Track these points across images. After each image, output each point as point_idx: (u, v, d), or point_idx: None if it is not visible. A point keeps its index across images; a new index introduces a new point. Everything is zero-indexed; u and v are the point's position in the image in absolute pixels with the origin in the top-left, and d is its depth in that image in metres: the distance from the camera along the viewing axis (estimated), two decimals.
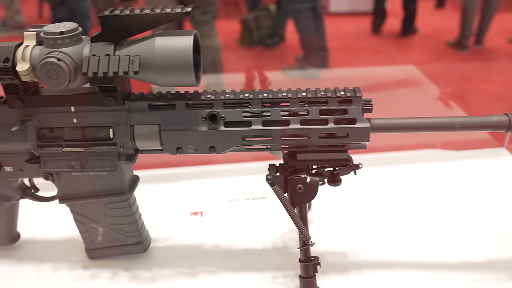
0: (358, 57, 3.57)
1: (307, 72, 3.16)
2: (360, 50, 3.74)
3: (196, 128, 0.82)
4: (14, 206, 0.98)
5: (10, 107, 0.83)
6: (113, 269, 0.95)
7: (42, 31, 0.77)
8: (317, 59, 3.17)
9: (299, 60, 3.21)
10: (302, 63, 3.18)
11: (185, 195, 1.17)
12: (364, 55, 3.64)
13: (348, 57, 3.53)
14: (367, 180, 1.16)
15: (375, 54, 3.69)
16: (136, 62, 0.75)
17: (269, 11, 3.55)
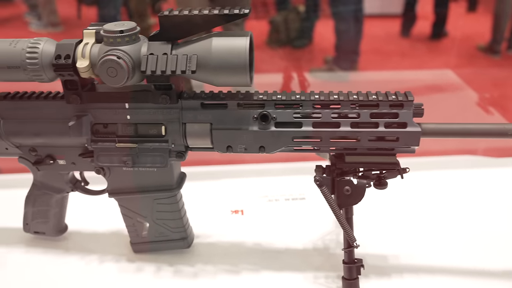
0: (387, 60, 3.54)
1: (335, 75, 3.15)
2: (389, 53, 3.71)
3: (247, 127, 0.83)
4: (64, 199, 1.01)
5: (67, 102, 0.85)
6: (157, 264, 0.97)
7: (102, 30, 0.79)
8: (348, 62, 3.16)
9: (328, 62, 3.21)
10: (331, 65, 3.17)
11: (226, 193, 1.19)
12: (393, 58, 3.61)
13: (376, 60, 3.51)
14: (408, 184, 1.15)
15: (404, 57, 3.66)
16: (193, 61, 0.76)
17: (298, 12, 3.55)
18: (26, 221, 1.01)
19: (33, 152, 0.92)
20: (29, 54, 0.80)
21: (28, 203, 0.99)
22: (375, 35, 3.97)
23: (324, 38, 3.44)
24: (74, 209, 1.05)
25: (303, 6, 3.59)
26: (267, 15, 3.50)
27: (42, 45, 0.80)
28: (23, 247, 1.03)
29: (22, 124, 0.89)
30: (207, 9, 0.77)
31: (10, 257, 1.01)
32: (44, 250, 1.02)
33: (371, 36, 3.93)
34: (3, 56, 0.80)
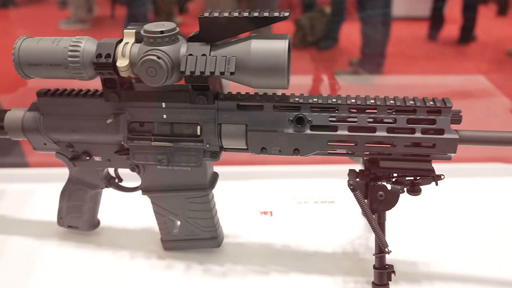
0: (413, 64, 3.50)
1: (360, 77, 3.13)
2: (416, 57, 3.66)
3: (282, 130, 0.84)
4: (98, 194, 1.03)
5: (106, 100, 0.87)
6: (186, 262, 0.98)
7: (142, 30, 0.80)
8: (373, 65, 3.14)
9: (353, 64, 3.18)
10: (356, 68, 3.15)
11: (255, 194, 1.19)
12: (420, 62, 3.57)
13: (402, 64, 3.47)
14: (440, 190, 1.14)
15: (431, 61, 3.61)
16: (232, 63, 0.77)
17: (324, 14, 3.54)
18: (61, 215, 1.04)
19: (70, 148, 0.94)
20: (71, 53, 0.81)
21: (63, 197, 1.02)
22: (402, 38, 3.92)
23: (349, 40, 3.42)
24: (107, 205, 1.07)
25: (329, 8, 3.58)
26: (293, 16, 3.49)
27: (83, 44, 0.82)
28: (56, 240, 1.05)
29: (61, 120, 0.91)
30: (247, 11, 0.77)
31: (44, 249, 1.03)
32: (77, 244, 1.04)
33: (397, 39, 3.89)
34: (46, 54, 0.82)
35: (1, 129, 0.94)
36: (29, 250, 1.03)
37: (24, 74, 0.85)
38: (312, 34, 3.42)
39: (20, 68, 0.84)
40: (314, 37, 3.41)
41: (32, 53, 0.83)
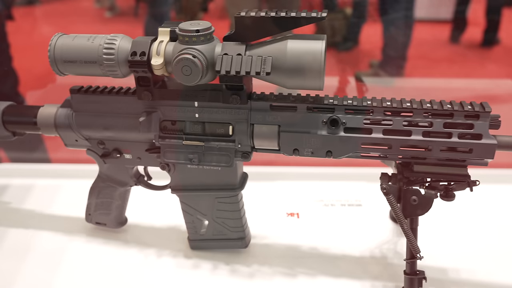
0: (434, 66, 3.45)
1: (380, 79, 3.10)
2: (437, 60, 3.62)
3: (316, 131, 0.83)
4: (127, 192, 1.03)
5: (139, 98, 0.87)
6: (213, 261, 0.98)
7: (178, 28, 0.80)
8: (394, 67, 3.11)
9: (374, 66, 3.16)
10: (377, 70, 3.12)
11: (281, 195, 1.18)
12: (442, 65, 3.52)
13: (424, 66, 3.42)
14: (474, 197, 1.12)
15: (453, 64, 3.56)
16: (268, 63, 0.76)
17: (345, 15, 3.51)
18: (89, 211, 1.04)
19: (101, 145, 0.95)
20: (106, 50, 0.81)
21: (92, 194, 1.02)
22: (423, 40, 3.88)
23: (370, 42, 3.39)
24: (134, 202, 1.07)
25: (351, 9, 3.55)
26: None
27: (118, 42, 0.82)
28: (84, 236, 1.06)
29: (93, 117, 0.91)
30: (283, 11, 0.77)
31: (72, 245, 1.04)
32: (104, 241, 1.04)
33: (419, 41, 3.84)
34: (81, 51, 0.83)
35: (34, 125, 0.95)
36: (58, 245, 1.04)
37: (59, 70, 0.85)
38: (332, 35, 3.40)
39: (55, 65, 0.84)
40: (334, 38, 3.39)
41: (68, 50, 0.83)
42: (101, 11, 3.09)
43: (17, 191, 1.23)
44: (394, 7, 2.94)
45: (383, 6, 3.05)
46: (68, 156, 1.43)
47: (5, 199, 1.20)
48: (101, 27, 2.78)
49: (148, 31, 2.59)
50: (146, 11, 3.18)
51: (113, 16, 3.00)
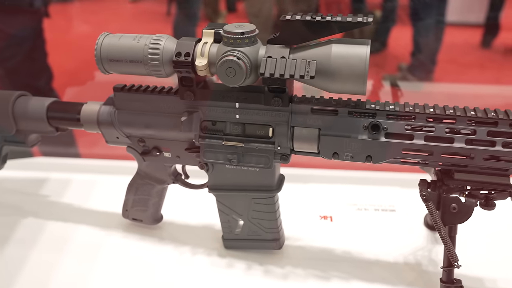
0: (465, 72, 3.39)
1: (408, 83, 3.06)
2: (468, 65, 3.55)
3: (357, 136, 0.83)
4: (164, 190, 1.05)
5: (181, 98, 0.88)
6: (247, 261, 0.99)
7: (222, 30, 0.81)
8: (423, 71, 3.07)
9: (402, 70, 3.12)
10: (405, 73, 3.09)
11: (314, 197, 1.19)
12: (472, 71, 3.46)
13: (453, 71, 3.37)
14: None
15: (484, 70, 3.49)
16: (312, 67, 0.76)
17: (374, 17, 3.48)
18: (126, 207, 1.06)
19: (141, 143, 0.96)
20: (152, 50, 0.83)
21: (130, 190, 1.04)
22: (453, 44, 3.81)
23: (399, 45, 3.36)
24: (169, 200, 1.09)
25: (380, 11, 3.52)
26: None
27: (163, 42, 0.83)
28: (120, 232, 1.08)
29: (135, 115, 0.93)
30: (329, 16, 0.77)
31: (109, 240, 1.06)
32: (140, 237, 1.06)
33: (449, 45, 3.78)
34: (126, 51, 0.84)
35: (77, 121, 0.98)
36: (95, 239, 1.06)
37: (104, 69, 0.87)
38: (361, 37, 3.37)
39: (101, 63, 0.86)
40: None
41: (114, 49, 0.85)
42: (135, 9, 3.14)
43: (56, 185, 1.27)
44: (426, 11, 2.91)
45: (415, 10, 3.01)
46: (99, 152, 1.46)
47: (45, 192, 1.24)
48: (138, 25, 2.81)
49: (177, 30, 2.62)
50: (175, 10, 3.21)
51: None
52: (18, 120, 1.01)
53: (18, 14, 1.59)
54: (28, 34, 1.64)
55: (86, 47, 1.08)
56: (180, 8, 3.11)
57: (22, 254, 1.02)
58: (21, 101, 1.01)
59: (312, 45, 0.79)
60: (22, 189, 1.25)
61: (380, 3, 3.49)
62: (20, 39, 1.62)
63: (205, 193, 0.99)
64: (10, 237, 1.07)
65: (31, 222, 1.12)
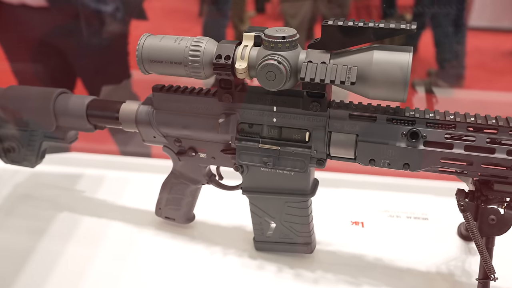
0: (496, 79, 3.33)
1: (438, 89, 3.02)
2: (500, 71, 3.48)
3: (395, 143, 0.82)
4: (198, 190, 1.06)
5: (219, 100, 0.89)
6: (278, 264, 0.99)
7: (263, 34, 0.81)
8: (452, 77, 3.02)
9: (432, 75, 3.08)
10: (435, 79, 3.05)
11: (346, 202, 1.18)
12: (504, 77, 3.38)
13: (485, 78, 3.31)
14: None
15: None
16: (353, 73, 0.76)
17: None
18: (159, 206, 1.08)
19: (177, 143, 0.98)
20: (192, 52, 0.84)
21: (164, 189, 1.05)
22: (484, 50, 3.74)
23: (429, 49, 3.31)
24: (203, 200, 1.10)
25: (410, 15, 3.48)
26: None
27: (204, 44, 0.84)
28: (153, 229, 1.10)
29: (173, 115, 0.95)
30: (371, 22, 0.77)
31: (141, 237, 1.08)
32: (172, 236, 1.08)
33: (479, 50, 3.71)
34: (167, 52, 0.86)
35: (116, 120, 0.99)
36: (128, 236, 1.08)
37: (145, 69, 0.89)
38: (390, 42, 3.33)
39: (141, 64, 0.88)
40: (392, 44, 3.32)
41: (155, 50, 0.86)
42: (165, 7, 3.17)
43: (90, 181, 1.29)
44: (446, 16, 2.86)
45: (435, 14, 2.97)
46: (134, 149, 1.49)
47: (80, 187, 1.26)
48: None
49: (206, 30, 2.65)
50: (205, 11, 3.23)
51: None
52: (58, 117, 1.03)
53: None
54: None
55: None
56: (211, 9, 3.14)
57: (57, 248, 1.04)
58: (62, 98, 1.04)
59: (353, 50, 0.79)
60: (59, 183, 1.28)
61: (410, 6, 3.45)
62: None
63: (237, 194, 1.00)
64: (46, 231, 1.09)
65: (67, 216, 1.14)
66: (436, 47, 2.94)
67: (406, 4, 3.44)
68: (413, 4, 3.40)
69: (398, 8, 3.58)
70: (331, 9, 2.64)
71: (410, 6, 3.41)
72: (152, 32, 0.91)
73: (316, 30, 2.64)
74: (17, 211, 1.17)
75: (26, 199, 1.21)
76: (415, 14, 3.41)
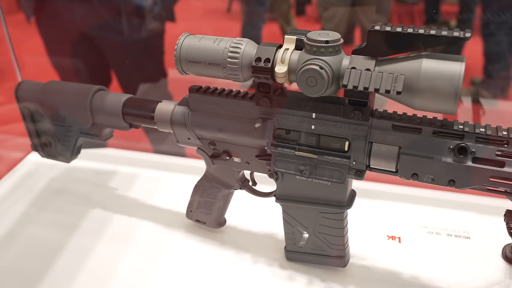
0: None
1: (483, 100, 2.90)
2: None
3: (440, 158, 0.78)
4: (230, 194, 1.03)
5: (257, 104, 0.86)
6: (309, 276, 0.96)
7: (306, 37, 0.78)
8: (497, 87, 2.90)
9: (475, 84, 2.96)
10: (478, 88, 2.93)
11: (382, 215, 1.13)
12: None
13: None
14: None
15: None
16: (400, 82, 0.72)
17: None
18: (191, 208, 1.06)
19: (212, 145, 0.96)
20: (231, 54, 0.82)
21: (196, 192, 1.04)
22: None
23: (473, 57, 3.19)
24: (234, 205, 1.07)
25: (455, 21, 3.36)
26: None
27: (244, 46, 0.82)
28: (183, 232, 1.08)
29: (208, 118, 0.93)
30: (422, 28, 0.72)
31: (171, 238, 1.07)
32: (201, 239, 1.06)
33: None
34: (206, 53, 0.83)
35: (151, 119, 0.98)
36: (158, 237, 1.07)
37: (182, 69, 0.87)
38: (434, 50, 3.23)
39: (179, 64, 0.86)
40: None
41: (193, 51, 0.84)
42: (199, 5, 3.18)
43: (123, 178, 1.29)
44: (499, 24, 2.73)
45: (487, 22, 2.84)
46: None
47: (113, 184, 1.27)
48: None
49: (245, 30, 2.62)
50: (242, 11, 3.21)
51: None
52: (95, 114, 1.03)
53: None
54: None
55: None
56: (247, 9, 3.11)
57: (88, 244, 1.05)
58: (99, 95, 1.03)
59: (399, 58, 0.75)
60: (92, 179, 1.29)
61: (455, 12, 3.33)
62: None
63: (270, 201, 0.97)
64: (78, 227, 1.10)
65: (99, 213, 1.14)
66: (485, 57, 2.82)
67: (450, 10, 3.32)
68: (458, 10, 3.28)
69: (442, 14, 3.47)
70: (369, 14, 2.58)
71: (454, 12, 3.29)
72: (189, 31, 0.89)
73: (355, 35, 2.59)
74: (50, 206, 1.18)
75: (60, 194, 1.23)
76: (460, 20, 3.29)
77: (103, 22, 1.59)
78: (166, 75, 1.69)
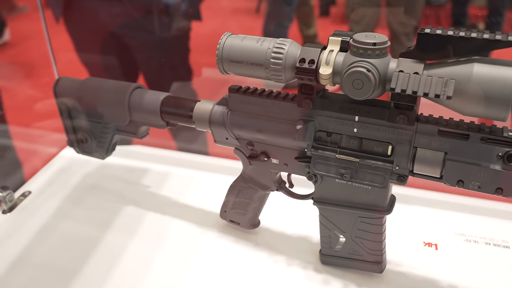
0: None
1: None
2: None
3: (488, 165, 0.76)
4: (266, 196, 1.03)
5: (299, 105, 0.85)
6: (344, 281, 0.95)
7: (351, 39, 0.77)
8: None
9: None
10: None
11: (419, 221, 1.11)
12: None
13: None
14: None
15: None
16: (450, 86, 0.70)
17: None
18: (225, 208, 1.06)
19: (250, 146, 0.95)
20: (275, 54, 0.81)
21: (231, 192, 1.03)
22: None
23: None
24: (269, 206, 1.07)
25: (483, 24, 3.30)
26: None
27: (287, 47, 0.81)
28: (216, 232, 1.08)
29: (248, 118, 0.92)
30: (475, 32, 0.71)
31: (204, 238, 1.06)
32: (235, 240, 1.05)
33: None
34: (249, 53, 0.83)
35: (189, 118, 0.98)
36: (191, 236, 1.07)
37: (223, 69, 0.87)
38: None
39: (221, 63, 0.86)
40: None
41: (236, 50, 0.84)
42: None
43: (156, 176, 1.30)
44: None
45: None
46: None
47: (146, 182, 1.27)
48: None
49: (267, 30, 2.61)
50: (267, 10, 3.20)
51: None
52: (132, 111, 1.04)
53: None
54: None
55: None
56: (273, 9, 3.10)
57: (122, 241, 1.05)
58: (137, 93, 1.04)
59: (449, 62, 0.73)
60: (125, 176, 1.29)
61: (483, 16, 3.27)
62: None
63: (304, 203, 0.96)
64: (113, 224, 1.10)
65: (132, 210, 1.15)
66: None
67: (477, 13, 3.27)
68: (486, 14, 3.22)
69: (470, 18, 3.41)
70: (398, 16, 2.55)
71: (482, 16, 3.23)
72: (215, 30, 0.89)
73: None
74: (84, 201, 1.19)
75: (94, 190, 1.24)
76: (488, 24, 3.23)
77: (134, 19, 1.60)
78: (191, 73, 1.69)
